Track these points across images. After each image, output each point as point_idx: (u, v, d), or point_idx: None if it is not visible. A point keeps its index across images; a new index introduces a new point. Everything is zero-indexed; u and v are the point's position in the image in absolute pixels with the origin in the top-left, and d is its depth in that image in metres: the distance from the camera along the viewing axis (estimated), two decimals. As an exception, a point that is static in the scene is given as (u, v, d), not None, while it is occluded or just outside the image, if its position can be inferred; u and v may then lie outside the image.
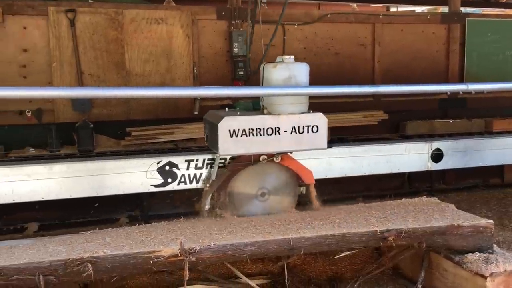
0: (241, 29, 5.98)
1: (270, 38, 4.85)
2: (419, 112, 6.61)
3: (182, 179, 3.91)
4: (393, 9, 10.09)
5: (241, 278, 3.70)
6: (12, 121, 5.40)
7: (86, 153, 5.12)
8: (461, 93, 4.75)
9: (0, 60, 5.35)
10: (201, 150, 5.08)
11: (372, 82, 6.63)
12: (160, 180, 3.84)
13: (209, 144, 4.04)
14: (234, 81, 6.04)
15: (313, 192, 4.15)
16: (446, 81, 6.90)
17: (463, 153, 4.78)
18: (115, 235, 3.53)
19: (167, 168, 3.85)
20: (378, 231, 3.50)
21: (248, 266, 4.12)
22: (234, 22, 6.00)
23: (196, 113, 5.83)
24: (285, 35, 6.26)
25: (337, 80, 6.39)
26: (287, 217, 3.81)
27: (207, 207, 3.92)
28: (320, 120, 3.92)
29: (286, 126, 3.82)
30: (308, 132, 3.87)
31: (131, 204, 5.52)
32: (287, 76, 3.82)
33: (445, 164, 4.77)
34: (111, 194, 3.78)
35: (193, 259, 3.23)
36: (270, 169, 4.02)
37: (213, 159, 3.93)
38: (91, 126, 5.37)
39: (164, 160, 3.84)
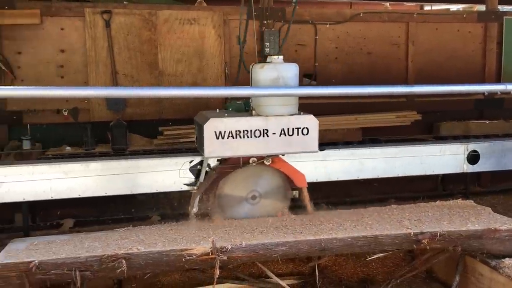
0: (273, 28, 5.98)
1: (283, 39, 4.79)
2: (454, 112, 6.47)
3: (215, 178, 3.93)
4: (427, 7, 9.91)
5: (271, 278, 3.70)
6: (50, 119, 5.55)
7: (120, 152, 5.22)
8: (498, 93, 4.62)
9: (39, 60, 5.50)
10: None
11: (405, 82, 6.52)
12: (192, 179, 3.88)
13: (197, 146, 3.96)
14: (265, 81, 6.04)
15: (306, 195, 4.05)
16: (483, 81, 6.72)
17: (500, 155, 4.65)
18: (148, 232, 3.59)
19: (199, 167, 3.88)
20: (412, 233, 3.45)
21: (278, 266, 4.13)
22: (265, 22, 6.00)
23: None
24: (316, 34, 6.22)
25: (369, 80, 6.33)
26: (318, 218, 3.79)
27: (194, 209, 3.84)
28: (311, 122, 3.81)
29: (274, 128, 3.72)
30: (298, 134, 3.77)
31: (162, 202, 5.59)
32: (275, 76, 3.72)
33: (481, 166, 4.65)
34: (145, 192, 3.83)
35: (225, 257, 3.26)
36: (260, 172, 3.93)
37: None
38: (125, 125, 5.47)
39: (197, 159, 3.87)
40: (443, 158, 4.52)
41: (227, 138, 3.64)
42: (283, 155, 3.90)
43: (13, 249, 3.23)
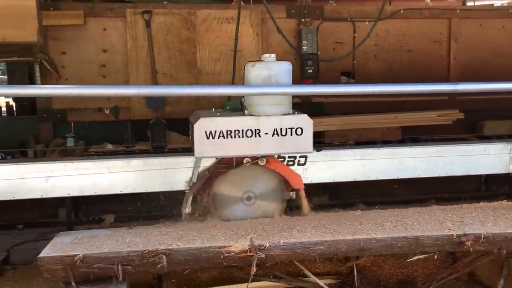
0: (311, 27, 5.95)
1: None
2: (498, 111, 6.25)
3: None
4: (469, 3, 9.61)
5: (309, 277, 3.69)
6: (92, 118, 5.71)
7: (159, 149, 5.31)
8: (547, 91, 4.43)
9: (82, 60, 5.66)
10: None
11: (447, 80, 6.35)
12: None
13: (191, 146, 3.89)
14: (303, 80, 6.02)
15: (304, 197, 3.97)
16: (529, 78, 6.48)
17: (547, 156, 4.47)
18: (187, 229, 3.63)
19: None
20: (454, 235, 3.36)
21: (316, 265, 4.11)
22: (303, 20, 5.97)
23: (265, 111, 5.86)
24: (355, 32, 6.15)
25: (409, 78, 6.20)
26: (357, 217, 3.75)
27: (187, 210, 3.81)
28: (305, 122, 3.71)
29: (267, 128, 3.64)
30: (291, 134, 3.67)
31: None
32: (267, 75, 3.62)
33: (527, 167, 4.49)
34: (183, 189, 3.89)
35: (263, 255, 3.26)
36: (255, 172, 3.86)
37: (283, 157, 3.94)
38: (164, 123, 5.56)
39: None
40: (487, 158, 4.38)
41: (218, 138, 3.58)
42: (278, 156, 3.84)
43: (58, 243, 3.34)
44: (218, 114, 3.75)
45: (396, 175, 4.25)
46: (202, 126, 3.57)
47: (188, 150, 5.16)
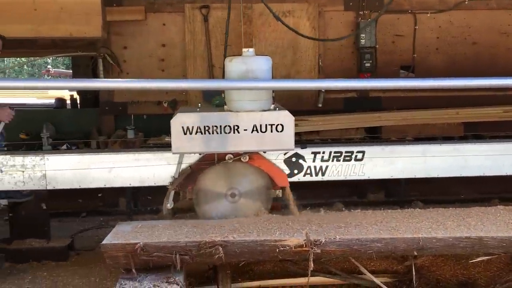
0: (369, 19, 5.82)
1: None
2: None
3: (308, 171, 3.91)
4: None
5: (365, 275, 3.63)
6: (151, 110, 5.88)
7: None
8: None
9: (142, 54, 5.83)
10: (325, 142, 5.08)
11: (514, 74, 6.03)
12: (286, 170, 3.88)
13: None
14: (360, 74, 5.91)
15: (290, 195, 3.83)
16: None
17: None
18: (242, 222, 3.66)
19: (293, 159, 3.89)
20: (522, 237, 3.19)
21: (371, 262, 4.03)
22: (362, 12, 5.86)
23: (320, 105, 5.81)
24: (416, 24, 5.95)
25: (473, 72, 5.93)
26: (417, 215, 3.64)
27: (168, 205, 3.76)
28: (286, 118, 3.58)
29: (246, 124, 3.53)
30: (271, 131, 3.55)
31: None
32: (244, 70, 3.51)
33: None
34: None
35: (318, 251, 3.24)
36: (238, 169, 3.76)
37: (340, 152, 3.89)
38: (220, 116, 5.62)
39: (291, 151, 3.88)
40: (560, 156, 4.10)
41: (195, 133, 3.50)
42: (264, 153, 3.75)
43: (120, 231, 3.46)
44: (197, 110, 3.70)
45: (459, 173, 4.08)
46: (179, 121, 3.53)
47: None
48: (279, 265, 3.99)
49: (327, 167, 3.91)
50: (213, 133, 3.51)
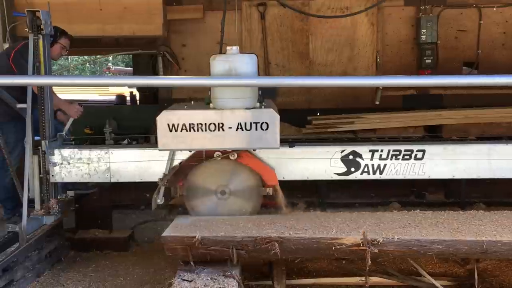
0: (431, 14, 5.64)
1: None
2: None
3: (365, 169, 3.85)
4: None
5: (424, 277, 3.53)
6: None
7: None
8: None
9: (200, 52, 5.94)
10: (382, 141, 4.98)
11: None
12: (343, 168, 3.85)
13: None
14: (419, 70, 5.74)
15: (280, 193, 3.74)
16: None
17: None
18: (298, 218, 3.66)
19: (350, 157, 3.84)
20: None
21: (430, 265, 3.93)
22: (423, 7, 5.68)
23: (377, 103, 5.70)
24: (481, 19, 5.72)
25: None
26: (480, 217, 3.51)
27: (158, 201, 3.77)
28: (271, 116, 3.54)
29: (230, 122, 3.53)
30: (256, 129, 3.52)
31: (308, 190, 5.67)
32: (227, 68, 3.51)
33: None
34: (296, 179, 3.92)
35: (376, 250, 3.19)
36: (228, 167, 3.73)
37: (399, 151, 3.81)
38: (276, 113, 5.64)
39: (348, 149, 3.83)
40: None
41: (181, 131, 3.54)
42: (254, 150, 3.72)
43: (179, 224, 3.56)
44: (185, 107, 3.74)
45: (513, 174, 3.88)
46: (164, 118, 3.58)
47: (298, 141, 5.21)
48: (333, 263, 3.97)
49: (385, 165, 3.84)
50: (198, 130, 3.56)
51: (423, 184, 5.54)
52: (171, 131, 3.55)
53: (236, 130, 3.54)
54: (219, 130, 3.55)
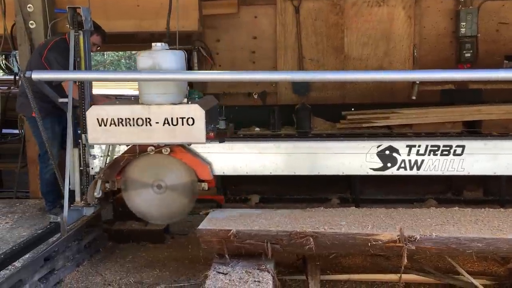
0: (471, 6, 5.48)
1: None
2: None
3: (402, 165, 3.78)
4: None
5: (462, 275, 3.47)
6: (242, 102, 5.99)
7: (304, 134, 5.38)
8: None
9: (234, 47, 5.95)
10: (418, 136, 4.88)
11: None
12: (379, 164, 3.78)
13: None
14: (458, 64, 5.59)
15: (214, 188, 3.83)
16: None
17: None
18: (332, 214, 3.65)
19: (387, 152, 3.77)
20: None
21: (468, 263, 3.85)
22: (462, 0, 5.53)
23: (414, 98, 5.58)
24: (524, 11, 5.52)
25: None
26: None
27: (96, 193, 3.81)
28: (196, 112, 3.56)
29: (157, 117, 3.56)
30: (183, 124, 3.55)
31: (341, 185, 5.63)
32: (151, 64, 3.53)
33: None
34: (331, 174, 3.88)
35: (413, 247, 3.15)
36: (162, 161, 3.75)
37: (437, 146, 3.72)
38: (310, 108, 5.61)
39: (385, 144, 3.77)
40: None
41: (110, 125, 3.60)
42: (185, 145, 3.73)
43: (213, 218, 3.60)
44: (116, 102, 3.80)
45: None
46: (93, 113, 3.63)
47: (332, 136, 5.18)
48: (368, 259, 3.94)
49: (422, 161, 3.76)
50: (126, 125, 3.61)
51: (461, 181, 5.41)
52: (100, 125, 3.64)
53: (163, 125, 3.60)
54: (146, 125, 3.62)
